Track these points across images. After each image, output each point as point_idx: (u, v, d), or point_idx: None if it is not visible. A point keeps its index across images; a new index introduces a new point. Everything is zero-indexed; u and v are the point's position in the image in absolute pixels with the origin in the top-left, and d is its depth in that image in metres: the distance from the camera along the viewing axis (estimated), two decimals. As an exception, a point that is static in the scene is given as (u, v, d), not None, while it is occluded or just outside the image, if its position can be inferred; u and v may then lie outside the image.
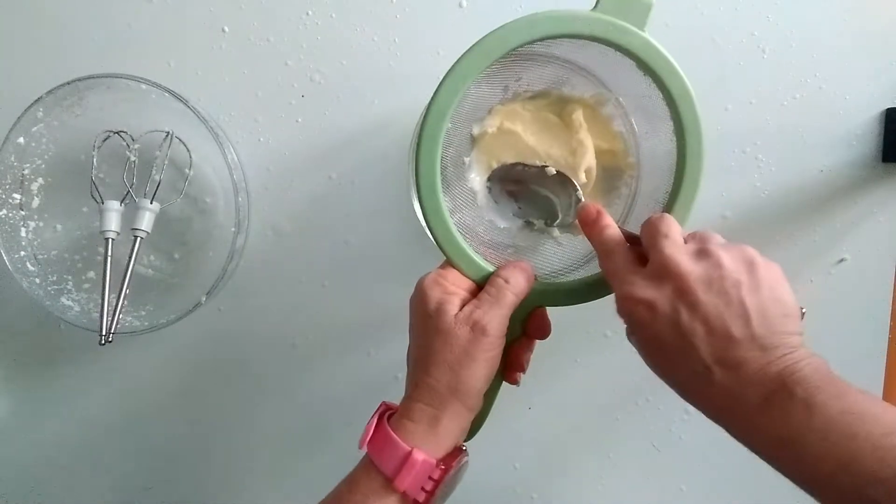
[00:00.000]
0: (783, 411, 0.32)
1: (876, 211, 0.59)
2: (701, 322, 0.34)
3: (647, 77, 0.42)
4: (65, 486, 0.66)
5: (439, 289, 0.41)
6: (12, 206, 0.59)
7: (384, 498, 0.38)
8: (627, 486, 0.63)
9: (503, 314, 0.40)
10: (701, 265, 0.35)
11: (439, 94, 0.41)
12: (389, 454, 0.38)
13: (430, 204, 0.42)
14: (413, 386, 0.41)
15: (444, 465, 0.39)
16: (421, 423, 0.39)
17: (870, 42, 0.58)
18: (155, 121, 0.59)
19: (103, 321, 0.56)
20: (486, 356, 0.40)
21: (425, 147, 0.42)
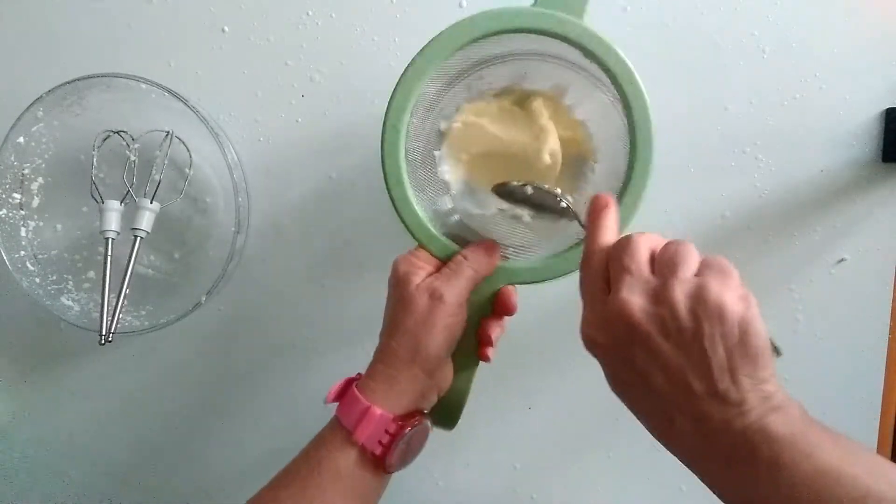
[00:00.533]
0: (747, 471, 0.30)
1: (876, 211, 0.59)
2: (660, 370, 0.32)
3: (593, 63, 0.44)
4: (65, 485, 0.66)
5: (408, 263, 0.45)
6: (12, 206, 0.59)
7: (345, 451, 0.41)
8: (627, 486, 0.63)
9: (461, 286, 0.43)
10: (655, 311, 0.32)
11: (396, 93, 0.45)
12: (351, 410, 0.42)
13: (398, 192, 0.46)
14: (378, 350, 0.45)
15: (402, 422, 0.42)
16: (381, 383, 0.42)
17: (870, 42, 0.58)
18: (155, 121, 0.59)
19: (103, 321, 0.56)
20: (443, 323, 0.42)
21: (389, 139, 0.45)
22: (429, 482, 0.64)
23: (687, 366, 0.31)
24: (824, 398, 0.61)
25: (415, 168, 0.48)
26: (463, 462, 0.64)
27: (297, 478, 0.41)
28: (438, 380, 0.44)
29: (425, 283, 0.43)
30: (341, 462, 0.41)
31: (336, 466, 0.41)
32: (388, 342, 0.43)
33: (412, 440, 0.43)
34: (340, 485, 0.41)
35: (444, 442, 0.64)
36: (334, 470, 0.41)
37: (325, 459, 0.41)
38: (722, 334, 0.31)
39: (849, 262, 0.60)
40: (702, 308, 0.31)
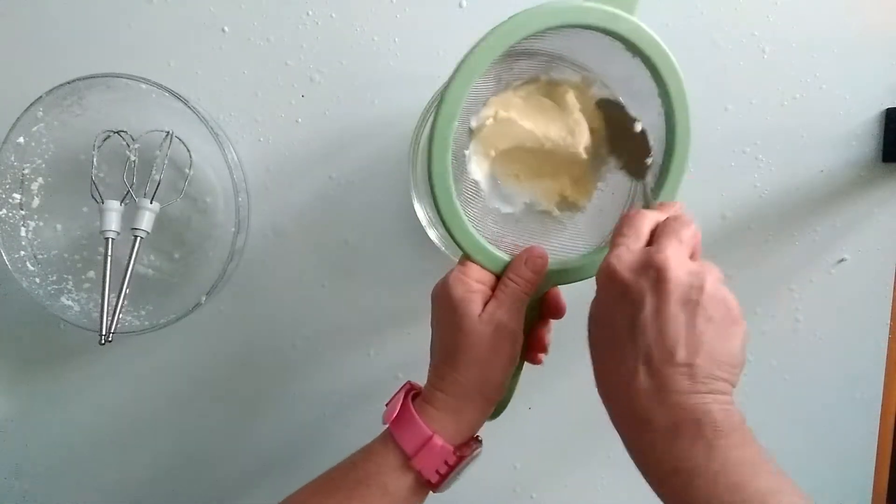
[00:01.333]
0: (686, 444, 0.33)
1: (876, 211, 0.59)
2: (657, 327, 0.34)
3: (636, 59, 0.43)
4: (64, 485, 0.66)
5: (462, 287, 0.43)
6: (12, 206, 0.59)
7: (400, 474, 0.41)
8: (627, 486, 0.63)
9: (518, 311, 0.43)
10: (689, 281, 0.35)
11: (448, 95, 0.42)
12: (412, 434, 0.41)
13: (446, 205, 0.43)
14: (439, 378, 0.43)
15: (460, 453, 0.41)
16: (444, 413, 0.42)
17: (870, 42, 0.58)
18: (155, 121, 0.59)
19: (103, 321, 0.56)
20: (509, 354, 0.42)
21: (437, 149, 0.42)
22: (429, 482, 0.64)
23: (682, 336, 0.34)
24: (824, 398, 0.61)
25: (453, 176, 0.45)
26: (463, 462, 0.64)
27: (341, 488, 0.41)
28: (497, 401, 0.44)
29: (486, 314, 0.42)
30: (391, 482, 0.40)
31: (384, 484, 0.40)
32: (450, 372, 0.42)
33: (466, 466, 0.43)
34: (386, 501, 0.40)
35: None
36: (382, 487, 0.40)
37: (374, 475, 0.40)
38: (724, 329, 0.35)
39: (849, 262, 0.60)
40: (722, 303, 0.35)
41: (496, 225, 0.48)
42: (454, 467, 0.41)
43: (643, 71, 0.44)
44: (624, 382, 0.35)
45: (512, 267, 0.44)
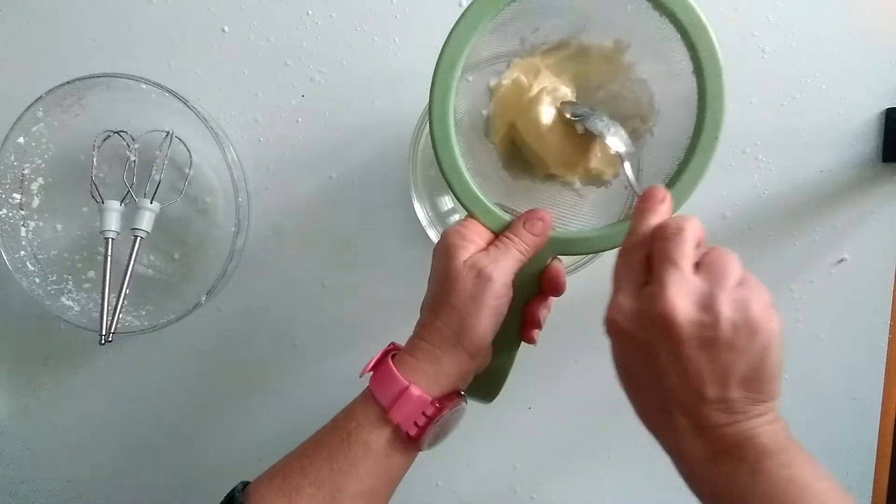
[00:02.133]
0: (729, 471, 0.32)
1: (876, 211, 0.59)
2: (678, 373, 0.33)
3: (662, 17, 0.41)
4: (64, 485, 0.66)
5: (457, 236, 0.42)
6: (12, 206, 0.59)
7: (378, 428, 0.40)
8: (627, 486, 0.63)
9: (509, 265, 0.41)
10: (699, 319, 0.32)
11: (450, 41, 0.40)
12: (388, 386, 0.40)
13: (445, 152, 0.42)
14: (421, 326, 0.42)
15: (439, 405, 0.40)
16: (422, 361, 0.40)
17: (870, 42, 0.58)
18: (155, 121, 0.59)
19: (103, 321, 0.56)
20: (491, 304, 0.40)
21: (438, 92, 0.41)
22: (429, 482, 0.64)
23: (707, 373, 0.32)
24: (824, 398, 0.61)
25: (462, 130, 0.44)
26: (463, 462, 0.64)
27: (325, 448, 0.40)
28: (479, 361, 0.43)
29: (472, 259, 0.41)
30: (372, 438, 0.40)
31: (366, 441, 0.39)
32: (432, 319, 0.41)
33: (447, 421, 0.41)
34: (369, 460, 0.40)
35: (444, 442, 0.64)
36: (364, 445, 0.39)
37: (354, 433, 0.40)
38: (751, 350, 0.32)
39: (849, 262, 0.60)
40: (742, 323, 0.32)
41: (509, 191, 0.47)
42: (433, 419, 0.40)
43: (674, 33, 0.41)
44: (660, 421, 0.35)
45: (510, 226, 0.43)
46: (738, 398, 0.32)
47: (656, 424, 0.35)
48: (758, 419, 0.33)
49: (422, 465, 0.64)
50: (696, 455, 0.33)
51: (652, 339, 0.33)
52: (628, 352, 0.35)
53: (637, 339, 0.34)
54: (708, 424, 0.33)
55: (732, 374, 0.32)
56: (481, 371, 0.44)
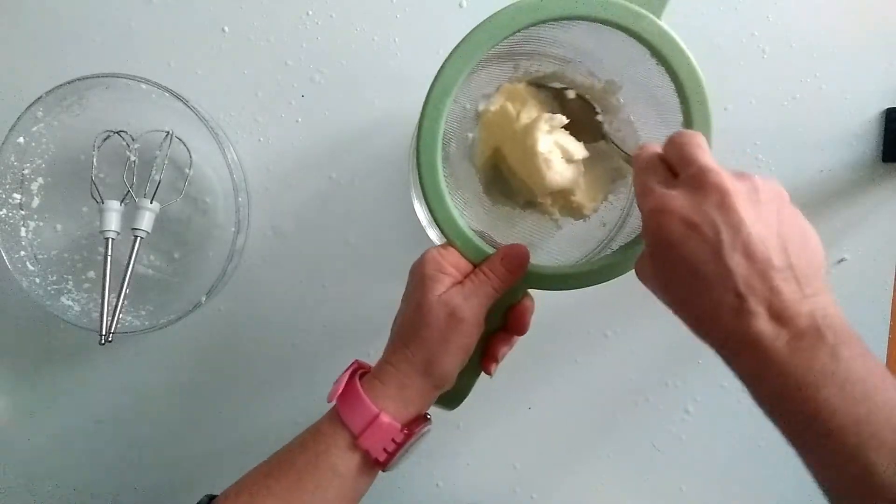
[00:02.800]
0: (810, 354, 0.30)
1: (876, 211, 0.59)
2: (742, 245, 0.31)
3: (660, 67, 0.41)
4: (64, 485, 0.66)
5: (435, 265, 0.42)
6: (12, 206, 0.59)
7: (347, 453, 0.40)
8: (627, 486, 0.63)
9: (481, 304, 0.41)
10: (743, 184, 0.32)
11: (445, 69, 0.41)
12: (357, 412, 0.40)
13: (430, 181, 0.42)
14: (391, 351, 0.42)
15: (408, 431, 0.40)
16: (390, 388, 0.41)
17: (870, 42, 0.58)
18: (155, 121, 0.59)
19: (103, 321, 0.56)
20: (460, 342, 0.41)
21: (428, 123, 0.41)
22: (429, 482, 0.64)
23: (768, 240, 0.31)
24: (824, 398, 0.61)
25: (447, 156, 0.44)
26: (463, 462, 0.64)
27: (292, 468, 0.40)
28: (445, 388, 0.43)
29: (447, 296, 0.41)
30: (340, 462, 0.40)
31: (334, 464, 0.40)
32: (401, 348, 0.42)
33: (414, 444, 0.42)
34: (336, 482, 0.40)
35: (445, 442, 0.64)
36: (332, 468, 0.40)
37: (323, 455, 0.40)
38: (791, 215, 0.33)
39: (849, 262, 0.60)
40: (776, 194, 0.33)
41: (488, 215, 0.47)
42: (402, 445, 0.40)
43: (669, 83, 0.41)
44: (731, 320, 0.32)
45: (488, 260, 0.43)
46: (802, 267, 0.31)
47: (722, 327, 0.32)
48: (826, 297, 0.31)
49: (422, 464, 0.64)
50: (776, 341, 0.30)
51: (710, 216, 0.32)
52: (685, 242, 0.32)
53: (694, 223, 0.32)
54: (783, 300, 0.31)
55: (788, 237, 0.32)
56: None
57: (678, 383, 0.61)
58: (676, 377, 0.62)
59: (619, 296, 0.61)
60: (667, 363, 0.62)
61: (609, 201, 0.49)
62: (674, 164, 0.35)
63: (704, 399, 0.61)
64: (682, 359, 0.61)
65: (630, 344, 0.61)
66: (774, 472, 0.61)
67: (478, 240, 0.43)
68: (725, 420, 0.61)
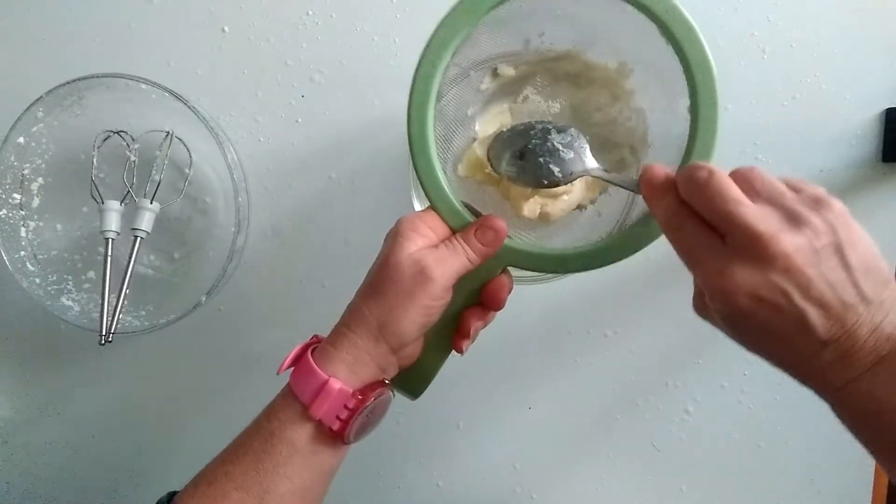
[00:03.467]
0: (889, 377, 0.30)
1: (876, 211, 0.59)
2: (814, 301, 0.30)
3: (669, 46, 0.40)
4: (64, 485, 0.66)
5: (410, 224, 0.40)
6: (12, 206, 0.59)
7: (300, 425, 0.38)
8: (627, 486, 0.63)
9: (454, 269, 0.39)
10: (802, 237, 0.31)
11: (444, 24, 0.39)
12: (307, 381, 0.39)
13: (418, 137, 0.41)
14: (347, 311, 0.41)
15: (362, 396, 0.38)
16: (342, 351, 0.39)
17: (870, 42, 0.58)
18: (155, 121, 0.59)
19: (103, 321, 0.56)
20: (424, 303, 0.38)
21: (422, 77, 0.40)
22: (429, 482, 0.64)
23: (838, 284, 0.31)
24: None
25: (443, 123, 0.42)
26: (463, 462, 0.64)
27: (249, 450, 0.39)
28: (402, 356, 0.41)
29: (418, 253, 0.39)
30: (295, 436, 0.38)
31: (289, 439, 0.38)
32: (359, 304, 0.40)
33: (373, 412, 0.40)
34: (296, 458, 0.38)
35: (445, 442, 0.64)
36: (288, 443, 0.38)
37: (277, 432, 0.38)
38: (851, 240, 0.32)
39: (849, 262, 0.60)
40: (832, 216, 0.32)
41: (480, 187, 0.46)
42: (356, 411, 0.38)
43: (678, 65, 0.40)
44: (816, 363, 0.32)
45: (464, 230, 0.41)
46: (872, 288, 0.31)
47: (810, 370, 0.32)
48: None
49: (422, 464, 0.64)
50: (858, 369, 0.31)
51: (775, 284, 0.31)
52: (757, 314, 0.31)
53: (762, 296, 0.31)
54: (862, 331, 0.30)
55: (855, 268, 0.31)
56: (408, 366, 0.43)
57: (678, 383, 0.61)
58: (676, 377, 0.62)
59: (619, 296, 0.61)
60: (667, 363, 0.62)
61: (608, 192, 0.48)
62: (708, 219, 0.33)
63: (704, 399, 0.61)
64: (682, 359, 0.61)
65: (630, 344, 0.61)
66: (774, 472, 0.61)
67: (461, 206, 0.41)
68: (725, 420, 0.61)
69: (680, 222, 0.34)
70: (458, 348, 0.43)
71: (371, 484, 0.64)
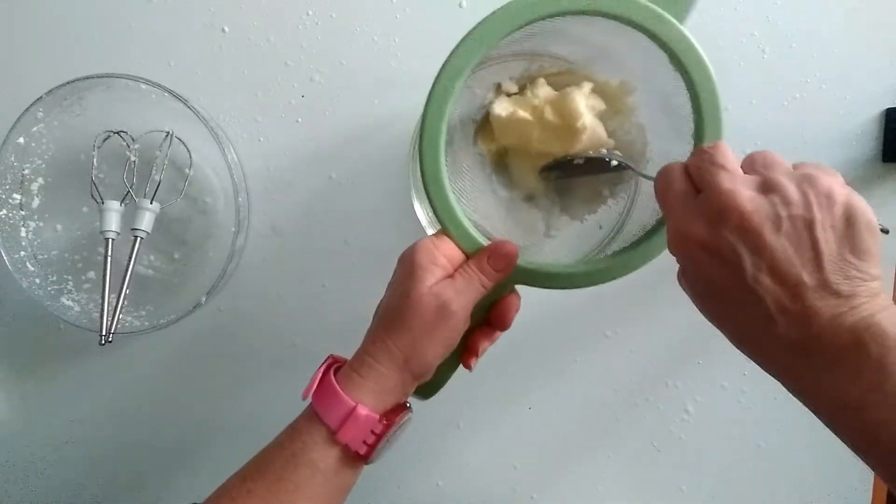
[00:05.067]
0: (853, 371, 0.29)
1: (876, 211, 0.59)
2: (767, 268, 0.30)
3: (676, 73, 0.40)
4: (64, 485, 0.66)
5: (428, 255, 0.41)
6: (12, 206, 0.59)
7: (326, 448, 0.39)
8: (627, 486, 0.63)
9: (472, 298, 0.41)
10: (766, 201, 0.30)
11: (461, 47, 0.40)
12: (334, 407, 0.39)
13: (431, 166, 0.41)
14: (370, 341, 0.42)
15: (387, 421, 0.40)
16: (368, 380, 0.40)
17: (870, 42, 0.58)
18: (155, 121, 0.59)
19: (103, 321, 0.56)
20: (446, 335, 0.40)
21: (434, 106, 0.40)
22: (429, 482, 0.64)
23: (797, 258, 0.29)
24: (824, 398, 0.61)
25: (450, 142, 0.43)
26: (463, 462, 0.64)
27: (271, 468, 0.40)
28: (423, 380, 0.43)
29: (438, 287, 0.40)
30: (319, 457, 0.39)
31: (313, 460, 0.39)
32: (383, 337, 0.41)
33: (396, 434, 0.41)
34: (318, 479, 0.39)
35: (445, 442, 0.64)
36: (311, 464, 0.39)
37: (300, 453, 0.39)
38: (832, 223, 0.30)
39: (849, 262, 0.60)
40: (813, 193, 0.30)
41: (488, 207, 0.47)
42: (382, 436, 0.40)
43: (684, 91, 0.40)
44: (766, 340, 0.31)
45: (476, 257, 0.42)
46: (840, 278, 0.29)
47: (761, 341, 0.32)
48: (872, 302, 0.29)
49: (422, 464, 0.64)
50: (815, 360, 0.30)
51: (728, 240, 0.30)
52: (707, 268, 0.32)
53: (714, 248, 0.31)
54: (819, 319, 0.29)
55: (823, 249, 0.29)
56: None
57: (678, 383, 0.61)
58: (676, 377, 0.62)
59: (619, 296, 0.61)
60: (667, 363, 0.62)
61: (608, 204, 0.49)
62: (695, 181, 0.33)
63: (704, 399, 0.61)
64: (682, 359, 0.61)
65: (630, 344, 0.61)
66: (774, 472, 0.62)
67: (474, 230, 0.42)
68: (725, 420, 0.61)
69: (670, 179, 0.35)
70: (467, 365, 0.44)
71: (371, 483, 0.64)
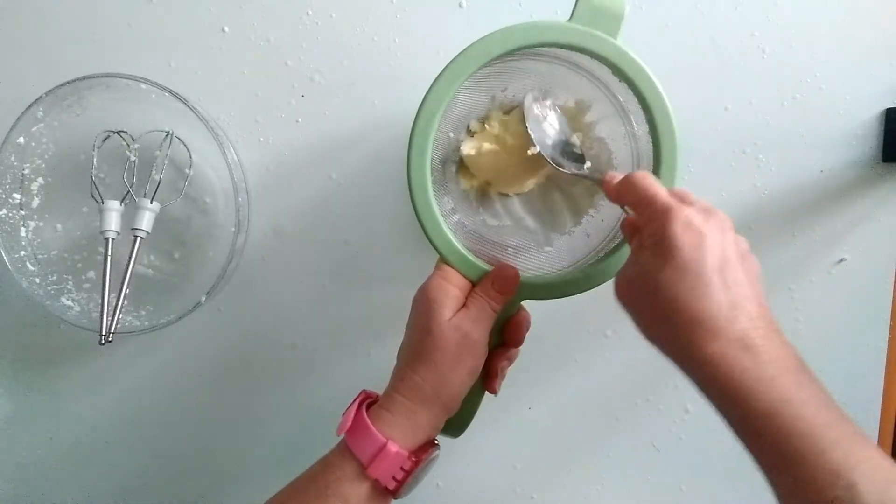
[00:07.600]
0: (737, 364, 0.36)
1: (876, 211, 0.59)
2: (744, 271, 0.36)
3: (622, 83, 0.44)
4: (64, 485, 0.66)
5: (440, 289, 0.44)
6: (12, 206, 0.59)
7: (357, 482, 0.41)
8: (627, 486, 0.63)
9: (486, 326, 0.44)
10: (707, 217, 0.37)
11: (429, 98, 0.44)
12: (365, 443, 0.41)
13: (422, 204, 0.45)
14: (398, 379, 0.43)
15: (416, 458, 0.41)
16: (398, 416, 0.42)
17: (870, 42, 0.58)
18: (155, 121, 0.59)
19: (103, 321, 0.56)
20: (471, 364, 0.43)
21: (416, 148, 0.45)
22: (429, 482, 0.64)
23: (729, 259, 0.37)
24: (824, 398, 0.61)
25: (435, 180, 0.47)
26: (463, 462, 0.64)
27: (304, 498, 0.41)
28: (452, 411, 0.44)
29: (457, 319, 0.43)
30: (350, 492, 0.41)
31: (344, 494, 0.40)
32: (411, 374, 0.42)
33: (424, 469, 0.43)
34: None
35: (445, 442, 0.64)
36: (342, 497, 0.40)
37: (332, 486, 0.41)
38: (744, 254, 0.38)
39: (849, 262, 0.60)
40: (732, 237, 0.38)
41: (482, 236, 0.49)
42: (411, 472, 0.41)
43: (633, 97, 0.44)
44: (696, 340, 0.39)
45: (482, 284, 0.45)
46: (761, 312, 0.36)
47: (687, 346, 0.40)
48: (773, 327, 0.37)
49: (422, 465, 0.64)
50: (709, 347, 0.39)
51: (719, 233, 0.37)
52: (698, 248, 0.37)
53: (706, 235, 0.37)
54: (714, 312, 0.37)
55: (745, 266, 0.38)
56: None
57: (678, 383, 0.61)
58: (676, 377, 0.61)
59: (619, 296, 0.61)
60: (667, 363, 0.62)
61: (590, 214, 0.51)
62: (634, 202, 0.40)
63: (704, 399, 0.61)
64: (682, 359, 0.61)
65: (630, 344, 0.61)
66: (774, 472, 0.61)
67: (474, 258, 0.46)
68: (725, 420, 0.61)
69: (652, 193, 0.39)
70: (492, 390, 0.47)
71: (371, 484, 0.64)
